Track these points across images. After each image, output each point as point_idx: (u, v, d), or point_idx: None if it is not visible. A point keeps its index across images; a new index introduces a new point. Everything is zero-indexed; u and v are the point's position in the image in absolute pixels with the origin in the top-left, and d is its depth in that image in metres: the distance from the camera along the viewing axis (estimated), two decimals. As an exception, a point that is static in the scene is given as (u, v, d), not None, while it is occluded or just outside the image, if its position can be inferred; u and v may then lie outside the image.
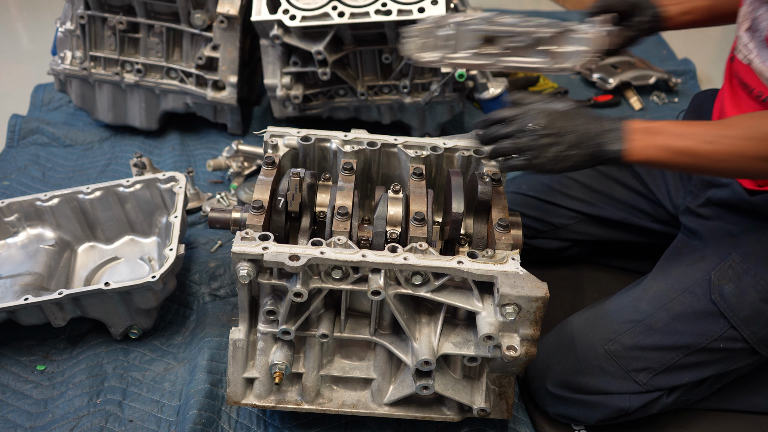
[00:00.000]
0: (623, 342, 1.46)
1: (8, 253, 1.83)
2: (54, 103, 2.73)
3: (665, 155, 1.25)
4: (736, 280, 1.44)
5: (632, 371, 1.46)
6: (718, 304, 1.43)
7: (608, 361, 1.46)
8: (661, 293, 1.49)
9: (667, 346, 1.45)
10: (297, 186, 1.38)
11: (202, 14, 2.23)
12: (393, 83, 2.29)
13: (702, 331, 1.44)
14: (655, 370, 1.46)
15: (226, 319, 1.78)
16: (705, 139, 1.24)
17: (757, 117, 1.26)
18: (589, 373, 1.47)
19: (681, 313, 1.46)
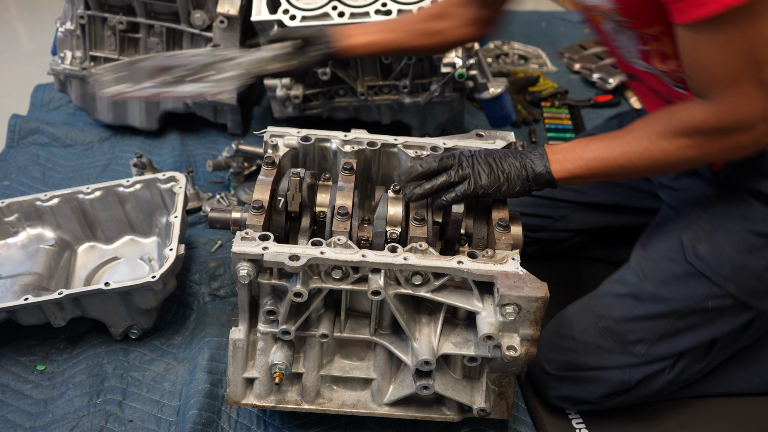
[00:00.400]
0: (614, 316, 1.50)
1: (8, 253, 1.83)
2: (54, 103, 2.73)
3: (582, 168, 1.35)
4: (708, 238, 1.47)
5: (628, 344, 1.48)
6: (695, 265, 1.46)
7: (603, 337, 1.50)
8: (643, 265, 1.54)
9: (656, 314, 1.48)
10: (297, 186, 1.38)
11: (202, 14, 2.23)
12: (393, 83, 2.29)
13: (687, 294, 1.46)
14: (651, 339, 1.48)
15: (226, 319, 1.78)
16: (608, 144, 1.35)
17: (648, 119, 1.34)
18: (587, 352, 1.50)
19: (664, 280, 1.49)
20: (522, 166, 1.36)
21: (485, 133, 1.56)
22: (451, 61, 2.17)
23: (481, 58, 2.23)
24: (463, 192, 1.34)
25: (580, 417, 1.59)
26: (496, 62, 3.14)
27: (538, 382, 1.60)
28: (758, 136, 1.26)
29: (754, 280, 1.46)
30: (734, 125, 1.25)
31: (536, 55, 3.22)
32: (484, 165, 1.36)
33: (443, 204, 1.36)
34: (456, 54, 2.17)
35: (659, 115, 1.33)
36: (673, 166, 1.34)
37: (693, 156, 1.31)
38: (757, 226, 1.46)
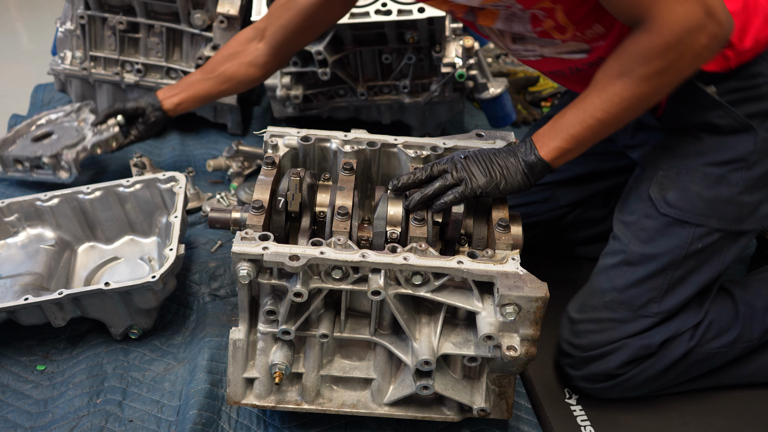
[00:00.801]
0: (616, 287, 1.51)
1: (8, 253, 1.84)
2: (54, 103, 2.73)
3: (567, 139, 1.35)
4: (674, 185, 1.48)
5: (639, 308, 1.50)
6: (670, 214, 1.48)
7: (613, 310, 1.51)
8: (624, 231, 1.55)
9: (654, 272, 1.49)
10: (297, 186, 1.38)
11: (202, 14, 2.23)
12: (393, 83, 2.29)
13: (675, 244, 1.47)
14: (658, 297, 1.49)
15: (226, 319, 1.78)
16: (580, 106, 1.34)
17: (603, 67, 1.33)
18: (602, 327, 1.51)
19: (648, 239, 1.50)
20: (516, 160, 1.37)
21: (485, 133, 1.56)
22: (451, 61, 2.17)
23: (481, 58, 2.24)
24: (461, 194, 1.34)
25: (586, 415, 1.59)
26: (496, 62, 3.14)
27: (564, 370, 1.61)
28: (712, 32, 1.23)
29: (732, 207, 1.46)
30: (682, 33, 1.22)
31: (536, 55, 3.22)
32: (478, 165, 1.36)
33: (441, 208, 1.36)
34: (456, 54, 2.17)
35: (612, 58, 1.32)
36: (648, 100, 1.32)
37: (661, 82, 1.29)
38: (714, 157, 1.46)
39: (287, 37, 1.87)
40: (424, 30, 2.11)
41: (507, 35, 1.56)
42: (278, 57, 1.93)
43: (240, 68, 1.95)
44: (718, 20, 1.22)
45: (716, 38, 1.25)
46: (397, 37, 2.17)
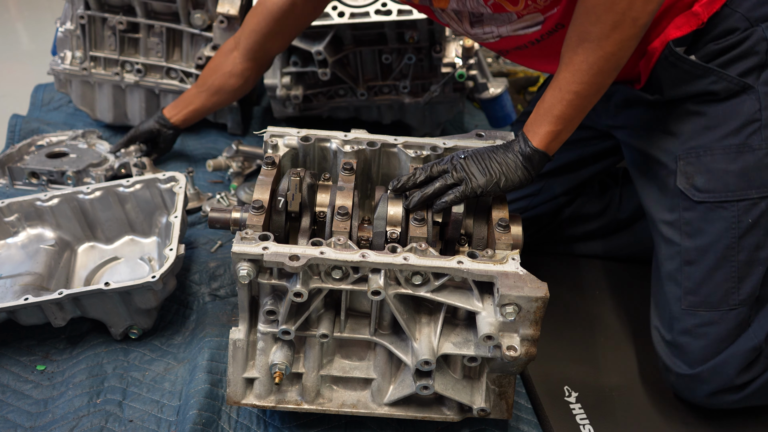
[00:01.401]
0: (687, 289, 1.46)
1: (8, 253, 1.83)
2: (54, 103, 2.73)
3: (552, 121, 1.35)
4: (697, 170, 1.45)
5: (720, 304, 1.44)
6: (706, 200, 1.44)
7: (695, 315, 1.46)
8: (671, 231, 1.51)
9: (716, 263, 1.44)
10: (297, 186, 1.38)
11: (202, 14, 2.23)
12: (393, 83, 2.29)
13: (724, 228, 1.43)
14: (734, 287, 1.44)
15: (226, 319, 1.78)
16: (554, 86, 1.34)
17: (563, 46, 1.34)
18: (696, 339, 1.46)
19: (695, 231, 1.46)
20: (513, 155, 1.37)
21: (485, 133, 1.56)
22: (451, 61, 2.17)
23: (481, 58, 2.24)
24: (461, 193, 1.34)
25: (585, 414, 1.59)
26: (496, 62, 3.14)
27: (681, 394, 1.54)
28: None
29: (765, 171, 1.42)
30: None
31: (536, 55, 3.22)
32: (477, 164, 1.36)
33: (441, 208, 1.36)
34: (456, 54, 2.17)
35: (569, 29, 1.32)
36: (616, 58, 1.30)
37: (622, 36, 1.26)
38: (725, 128, 1.43)
39: (258, 41, 1.90)
40: (424, 30, 2.11)
41: (465, 18, 1.54)
42: (255, 63, 1.97)
43: (223, 79, 2.03)
44: None
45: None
46: (397, 37, 2.17)
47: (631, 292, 1.93)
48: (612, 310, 1.87)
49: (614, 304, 1.90)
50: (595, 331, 1.82)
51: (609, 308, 1.88)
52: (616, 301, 1.91)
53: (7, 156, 2.26)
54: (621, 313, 1.86)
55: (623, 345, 1.76)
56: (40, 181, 2.22)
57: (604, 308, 1.88)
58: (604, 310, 1.88)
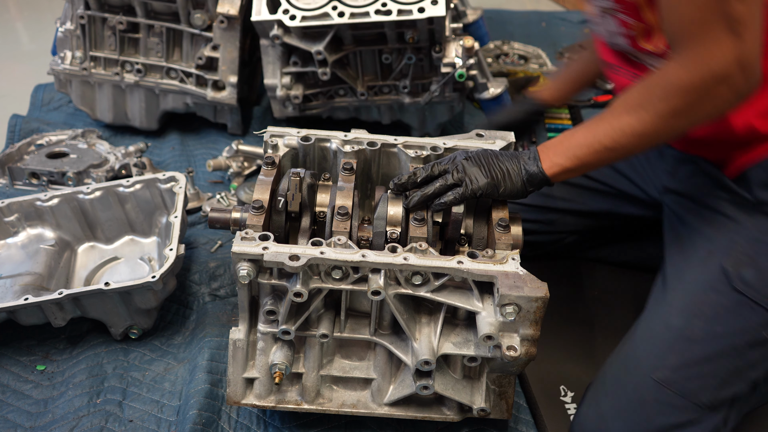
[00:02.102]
0: (669, 365, 1.37)
1: (8, 253, 1.83)
2: (54, 103, 2.73)
3: (571, 159, 1.33)
4: (752, 263, 1.39)
5: (690, 393, 1.35)
6: (745, 293, 1.38)
7: (661, 390, 1.36)
8: (686, 301, 1.43)
9: (714, 354, 1.36)
10: (297, 186, 1.38)
11: (202, 14, 2.23)
12: (393, 83, 2.29)
13: (742, 326, 1.37)
14: (713, 384, 1.35)
15: (226, 319, 1.78)
16: (591, 128, 1.33)
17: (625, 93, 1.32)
18: (647, 414, 1.36)
19: (714, 315, 1.38)
20: (518, 166, 1.36)
21: (485, 133, 1.56)
22: (451, 61, 2.17)
23: (481, 58, 2.24)
24: (461, 195, 1.34)
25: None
26: (496, 62, 3.13)
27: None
28: (737, 88, 1.21)
29: None
30: (709, 76, 1.20)
31: (536, 55, 3.22)
32: (479, 167, 1.35)
33: (441, 207, 1.36)
34: (456, 54, 2.17)
35: (635, 88, 1.31)
36: (657, 138, 1.30)
37: (676, 124, 1.27)
38: None
39: None
40: (424, 30, 2.11)
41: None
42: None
43: None
44: (747, 76, 1.20)
45: (738, 94, 1.23)
46: (397, 37, 2.17)
47: (629, 293, 1.92)
48: (609, 311, 1.87)
49: (612, 304, 1.89)
50: (592, 331, 1.82)
51: (606, 308, 1.88)
52: (613, 301, 1.90)
53: (6, 156, 2.26)
54: (618, 313, 1.86)
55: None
56: (41, 181, 2.22)
57: (601, 308, 1.88)
58: (601, 310, 1.88)
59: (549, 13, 3.79)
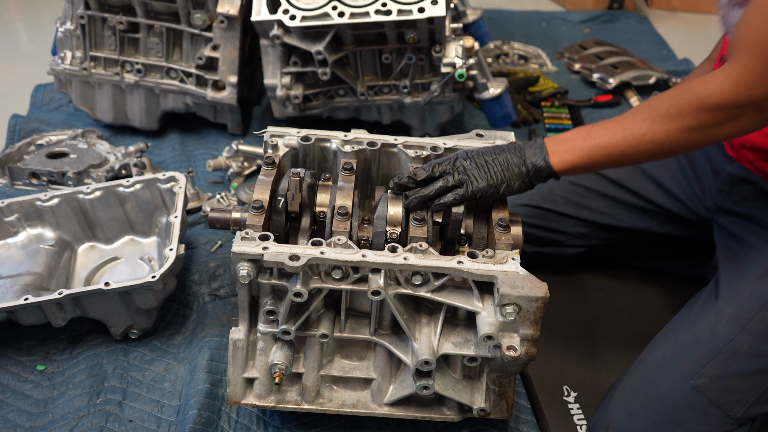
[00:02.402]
0: (709, 373, 1.36)
1: (8, 253, 1.83)
2: (54, 103, 2.73)
3: (582, 158, 1.32)
4: None
5: (724, 405, 1.35)
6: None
7: (697, 397, 1.36)
8: (738, 315, 1.41)
9: (756, 371, 1.36)
10: (297, 186, 1.38)
11: (202, 14, 2.23)
12: (393, 83, 2.29)
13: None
14: (748, 400, 1.35)
15: (226, 319, 1.78)
16: (609, 130, 1.31)
17: (653, 99, 1.31)
18: (678, 417, 1.36)
19: (764, 332, 1.38)
20: (521, 161, 1.34)
21: (485, 133, 1.56)
22: (451, 61, 2.17)
23: (481, 58, 2.23)
24: (461, 196, 1.34)
25: (583, 414, 1.58)
26: (496, 62, 3.14)
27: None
28: (765, 117, 1.22)
29: None
30: (748, 99, 1.19)
31: (536, 55, 3.22)
32: (479, 167, 1.34)
33: (440, 208, 1.36)
34: (456, 54, 2.17)
35: (666, 95, 1.28)
36: (674, 150, 1.29)
37: (696, 138, 1.25)
38: None
39: None
40: (424, 30, 2.11)
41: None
42: None
43: None
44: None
45: (764, 122, 1.23)
46: (397, 37, 2.17)
47: (632, 294, 1.92)
48: (612, 311, 1.87)
49: (614, 305, 1.89)
50: (595, 331, 1.82)
51: (609, 309, 1.88)
52: (616, 302, 1.90)
53: (6, 156, 2.26)
54: (621, 314, 1.86)
55: (622, 345, 1.76)
56: (41, 181, 2.22)
57: (604, 309, 1.88)
58: (604, 311, 1.88)
59: (549, 13, 3.79)
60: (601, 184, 1.82)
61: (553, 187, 1.85)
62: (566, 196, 1.84)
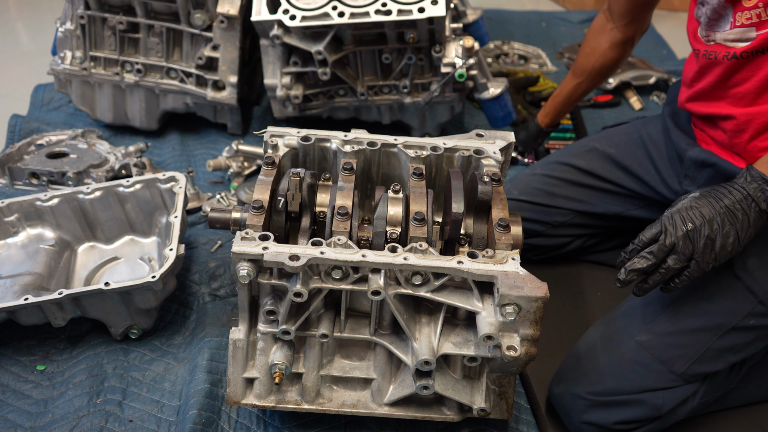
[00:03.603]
0: (654, 330, 1.44)
1: (8, 253, 1.83)
2: (54, 103, 2.73)
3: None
4: (758, 253, 1.42)
5: (667, 360, 1.43)
6: (743, 279, 1.42)
7: (641, 352, 1.44)
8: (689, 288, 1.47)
9: (698, 328, 1.42)
10: (297, 186, 1.38)
11: (202, 14, 2.23)
12: (393, 83, 2.29)
13: (731, 309, 1.41)
14: (691, 357, 1.42)
15: (226, 319, 1.78)
16: None
17: None
18: (623, 371, 1.44)
19: (708, 293, 1.44)
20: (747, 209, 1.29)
21: (485, 133, 1.56)
22: (451, 61, 2.17)
23: (481, 58, 2.24)
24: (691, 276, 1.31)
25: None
26: (496, 62, 3.13)
27: (566, 407, 1.53)
28: None
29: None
30: None
31: (536, 55, 3.22)
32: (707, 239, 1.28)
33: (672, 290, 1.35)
34: (456, 54, 2.17)
35: None
36: None
37: None
38: None
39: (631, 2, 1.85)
40: (424, 30, 2.11)
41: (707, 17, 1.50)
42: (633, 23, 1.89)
43: (604, 57, 1.96)
44: None
45: None
46: (397, 37, 2.17)
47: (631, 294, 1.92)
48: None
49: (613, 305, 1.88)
50: (595, 331, 1.82)
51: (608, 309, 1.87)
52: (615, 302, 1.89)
53: (6, 156, 2.26)
54: (621, 313, 1.86)
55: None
56: (41, 181, 2.22)
57: (602, 309, 1.88)
58: (602, 310, 1.87)
59: (549, 13, 3.79)
60: (574, 174, 1.88)
61: (529, 180, 1.92)
62: (541, 188, 1.89)
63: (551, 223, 1.89)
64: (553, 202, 1.87)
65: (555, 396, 1.57)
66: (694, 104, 1.61)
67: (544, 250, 1.94)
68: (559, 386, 1.56)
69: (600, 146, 1.87)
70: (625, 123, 1.95)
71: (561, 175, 1.89)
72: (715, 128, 1.57)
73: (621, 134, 1.88)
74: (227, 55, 2.27)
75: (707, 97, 1.56)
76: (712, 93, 1.54)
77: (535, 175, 1.93)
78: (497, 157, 1.49)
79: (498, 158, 1.49)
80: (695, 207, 1.32)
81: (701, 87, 1.56)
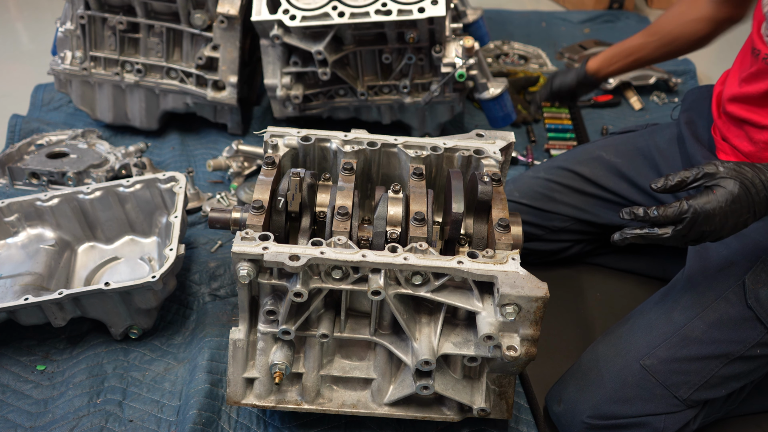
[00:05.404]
0: (659, 355, 1.41)
1: (8, 253, 1.83)
2: (54, 103, 2.73)
3: None
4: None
5: (671, 386, 1.41)
6: (754, 309, 1.40)
7: (645, 377, 1.41)
8: (694, 302, 1.45)
9: (705, 356, 1.40)
10: (297, 186, 1.38)
11: (202, 14, 2.23)
12: (393, 83, 2.29)
13: (739, 338, 1.40)
14: (695, 383, 1.40)
15: (226, 319, 1.78)
16: None
17: None
18: (626, 395, 1.41)
19: (717, 321, 1.41)
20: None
21: (485, 133, 1.56)
22: (451, 61, 2.17)
23: (481, 58, 2.23)
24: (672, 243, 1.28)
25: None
26: (496, 62, 3.13)
27: (566, 427, 1.50)
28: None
29: None
30: None
31: (536, 55, 3.22)
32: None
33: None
34: (456, 54, 2.17)
35: None
36: None
37: None
38: None
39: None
40: (424, 30, 2.11)
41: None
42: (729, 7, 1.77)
43: (686, 27, 1.83)
44: None
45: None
46: (397, 37, 2.17)
47: (630, 295, 1.92)
48: (610, 312, 1.87)
49: (612, 306, 1.90)
50: (593, 332, 1.82)
51: (607, 310, 1.88)
52: (614, 303, 1.91)
53: (6, 156, 2.26)
54: (619, 314, 1.85)
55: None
56: (41, 181, 2.22)
57: (602, 310, 1.88)
58: (602, 311, 1.88)
59: (549, 13, 3.79)
60: (576, 181, 1.85)
61: (531, 183, 1.89)
62: (543, 192, 1.87)
63: (551, 228, 1.88)
64: (554, 207, 1.85)
65: (555, 415, 1.54)
66: (735, 106, 1.55)
67: (543, 254, 1.93)
68: (559, 405, 1.52)
69: (606, 154, 1.84)
70: (633, 131, 1.90)
71: (563, 180, 1.86)
72: (744, 138, 1.53)
73: (628, 143, 1.84)
74: (227, 55, 2.27)
75: (755, 102, 1.51)
76: (763, 100, 1.49)
77: (537, 178, 1.90)
78: (497, 157, 1.49)
79: (498, 158, 1.49)
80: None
81: (752, 92, 1.50)
